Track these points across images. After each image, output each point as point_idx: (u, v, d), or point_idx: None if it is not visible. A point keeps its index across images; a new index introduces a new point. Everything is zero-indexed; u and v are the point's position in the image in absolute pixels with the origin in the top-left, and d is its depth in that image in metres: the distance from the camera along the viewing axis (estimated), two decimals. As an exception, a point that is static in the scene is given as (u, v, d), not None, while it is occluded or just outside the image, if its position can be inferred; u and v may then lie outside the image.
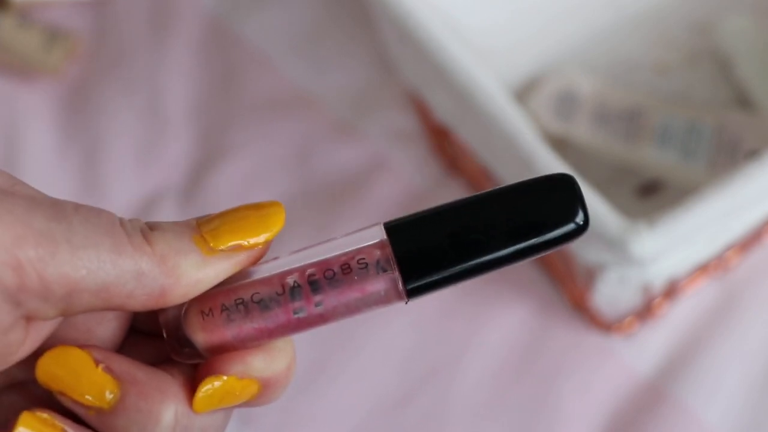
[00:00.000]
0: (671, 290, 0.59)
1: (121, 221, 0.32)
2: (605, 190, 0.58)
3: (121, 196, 0.65)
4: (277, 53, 0.69)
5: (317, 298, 0.32)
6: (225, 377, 0.33)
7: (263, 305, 0.32)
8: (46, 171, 0.66)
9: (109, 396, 0.32)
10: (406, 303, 0.33)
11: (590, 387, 0.59)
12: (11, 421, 0.32)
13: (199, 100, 0.68)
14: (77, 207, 0.32)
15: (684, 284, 0.60)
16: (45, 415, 0.32)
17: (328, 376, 0.60)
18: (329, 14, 0.70)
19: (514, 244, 0.32)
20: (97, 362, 0.32)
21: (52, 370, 0.32)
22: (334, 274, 0.32)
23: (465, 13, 0.64)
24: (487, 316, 0.61)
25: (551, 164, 0.54)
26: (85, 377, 0.32)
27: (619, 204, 0.56)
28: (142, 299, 0.32)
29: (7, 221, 0.30)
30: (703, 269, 0.60)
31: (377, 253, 0.32)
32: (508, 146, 0.55)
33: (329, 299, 0.32)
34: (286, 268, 0.33)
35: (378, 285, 0.32)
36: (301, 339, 0.65)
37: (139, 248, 0.32)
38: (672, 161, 0.63)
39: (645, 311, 0.60)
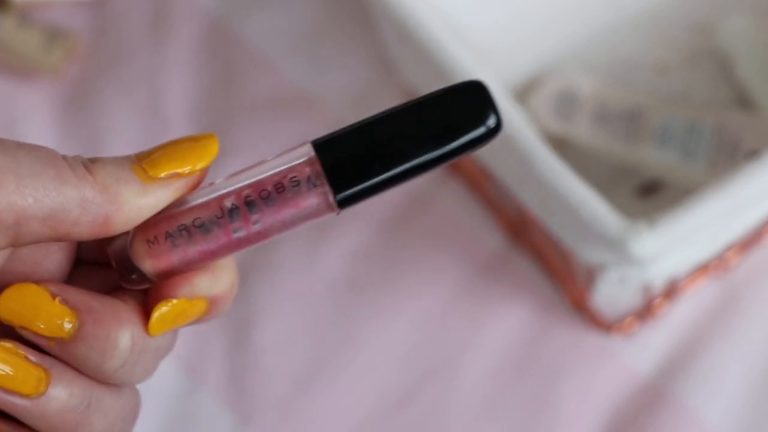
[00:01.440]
0: (671, 290, 0.59)
1: (63, 156, 0.34)
2: (605, 190, 0.58)
3: (121, 196, 0.65)
4: (277, 53, 0.69)
5: (254, 217, 0.35)
6: (175, 300, 0.35)
7: (204, 228, 0.35)
8: (46, 171, 0.66)
9: (67, 326, 0.34)
10: (338, 214, 0.35)
11: (590, 387, 0.59)
12: None
13: (199, 100, 0.68)
14: (20, 143, 0.34)
15: (684, 284, 0.60)
16: (8, 344, 0.34)
17: (328, 375, 0.60)
18: (329, 14, 0.70)
19: (432, 150, 0.34)
20: (53, 295, 0.34)
21: (11, 307, 0.34)
22: (269, 193, 0.34)
23: (465, 13, 0.64)
24: (487, 316, 0.61)
25: (551, 164, 0.54)
26: (43, 311, 0.34)
27: (619, 204, 0.56)
28: (87, 227, 0.34)
29: None
30: (703, 269, 0.60)
31: (307, 169, 0.35)
32: (508, 146, 0.55)
33: (266, 217, 0.35)
34: (223, 191, 0.35)
35: (310, 199, 0.35)
36: (301, 339, 0.65)
37: (81, 177, 0.34)
38: (672, 161, 0.63)
39: (645, 311, 0.60)
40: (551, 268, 0.61)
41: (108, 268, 0.36)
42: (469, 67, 0.56)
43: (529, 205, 0.57)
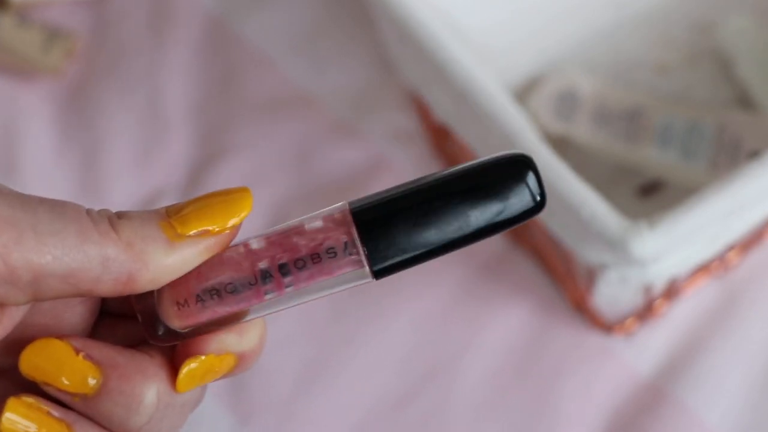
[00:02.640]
0: (672, 290, 0.59)
1: (88, 211, 0.33)
2: (605, 190, 0.58)
3: (120, 196, 0.65)
4: (277, 53, 0.69)
5: (287, 280, 0.34)
6: (203, 357, 0.34)
7: (236, 292, 0.34)
8: (46, 171, 0.66)
9: (91, 382, 0.33)
10: (373, 280, 0.34)
11: (591, 387, 0.59)
12: None
13: (199, 100, 0.68)
14: (42, 199, 0.33)
15: (685, 284, 0.60)
16: (31, 399, 0.33)
17: (328, 376, 0.60)
18: (329, 14, 0.70)
19: (473, 226, 0.33)
20: (77, 351, 0.33)
21: (34, 362, 0.33)
22: (305, 263, 0.33)
23: (465, 13, 0.64)
24: (487, 316, 0.61)
25: (551, 164, 0.54)
26: (67, 366, 0.33)
27: (619, 204, 0.56)
28: (109, 285, 0.33)
29: None
30: (703, 269, 0.60)
31: (344, 237, 0.33)
32: (508, 146, 0.55)
33: (299, 283, 0.34)
34: (257, 250, 0.34)
35: (346, 268, 0.34)
36: (300, 339, 0.65)
37: (104, 234, 0.32)
38: (672, 161, 0.63)
39: (645, 311, 0.60)
40: (551, 268, 0.61)
41: (133, 320, 0.35)
42: (469, 67, 0.56)
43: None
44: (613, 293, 0.57)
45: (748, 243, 0.61)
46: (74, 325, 0.35)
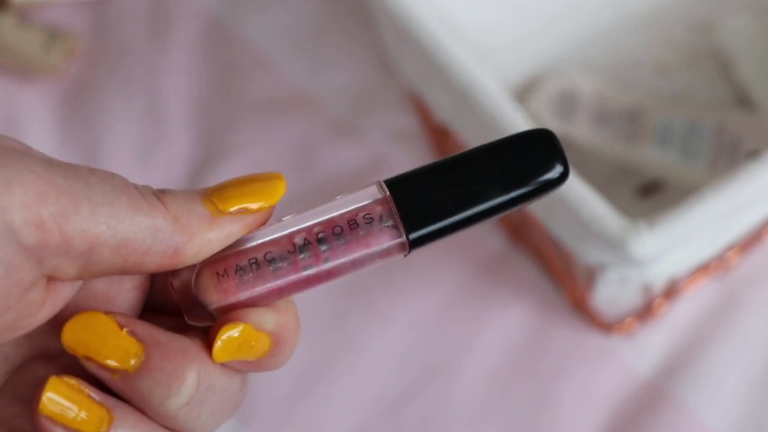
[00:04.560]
0: (671, 290, 0.59)
1: (135, 184, 0.34)
2: (605, 190, 0.58)
3: (121, 196, 0.65)
4: (277, 53, 0.69)
5: (325, 254, 0.34)
6: (241, 325, 0.34)
7: (274, 264, 0.34)
8: (46, 171, 0.66)
9: (133, 359, 0.33)
10: (405, 256, 0.35)
11: (590, 387, 0.59)
12: (39, 386, 0.33)
13: (199, 100, 0.68)
14: (92, 169, 0.33)
15: (684, 284, 0.60)
16: (72, 381, 0.33)
17: (328, 376, 0.60)
18: (329, 14, 0.70)
19: (502, 195, 0.35)
20: (121, 326, 0.33)
21: (77, 335, 0.33)
22: (342, 230, 0.34)
23: (465, 12, 0.64)
24: (487, 316, 0.61)
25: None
26: (110, 341, 0.33)
27: (619, 204, 0.56)
28: (157, 257, 0.33)
29: (29, 179, 0.31)
30: (703, 269, 0.60)
31: (379, 208, 0.35)
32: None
33: (336, 255, 0.34)
34: (294, 229, 0.35)
35: (382, 238, 0.34)
36: (301, 340, 0.65)
37: (154, 206, 0.33)
38: (672, 161, 0.63)
39: (645, 311, 0.60)
40: (551, 268, 0.61)
41: (174, 317, 0.36)
42: (469, 67, 0.56)
43: (529, 205, 0.57)
44: (612, 293, 0.57)
45: (747, 243, 0.61)
46: (123, 311, 0.35)
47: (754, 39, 0.67)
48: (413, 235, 0.35)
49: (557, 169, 0.35)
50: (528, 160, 0.35)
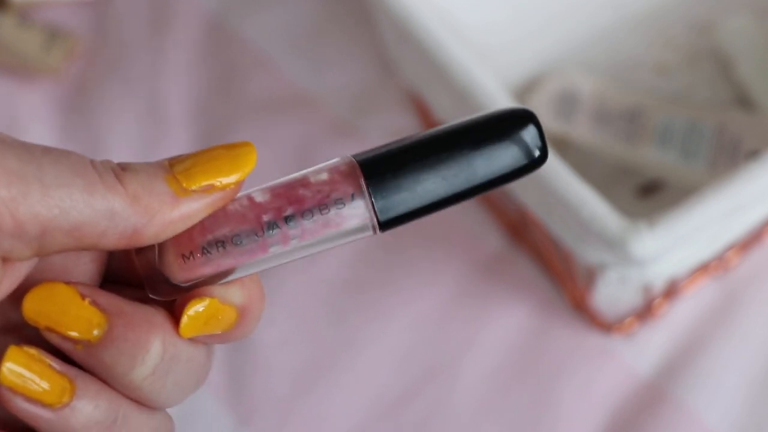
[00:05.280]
0: (671, 290, 0.59)
1: (92, 162, 0.32)
2: (605, 190, 0.58)
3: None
4: (277, 53, 0.69)
5: (293, 232, 0.33)
6: (208, 300, 0.33)
7: (241, 245, 0.33)
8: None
9: (96, 329, 0.32)
10: (375, 234, 0.34)
11: (590, 387, 0.59)
12: None
13: (199, 100, 0.68)
14: (47, 149, 0.32)
15: (684, 284, 0.60)
16: (32, 351, 0.32)
17: (328, 376, 0.60)
18: (329, 14, 0.70)
19: (478, 176, 0.34)
20: (83, 296, 0.33)
21: (38, 306, 0.33)
22: (312, 214, 0.33)
23: (465, 12, 0.64)
24: (487, 316, 0.61)
25: (551, 164, 0.54)
26: (72, 311, 0.33)
27: (619, 204, 0.56)
28: (114, 238, 0.32)
29: None
30: (703, 269, 0.60)
31: (350, 188, 0.34)
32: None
33: (305, 235, 0.34)
34: (262, 202, 0.34)
35: (352, 220, 0.34)
36: (301, 339, 0.65)
37: (111, 188, 0.32)
38: (672, 161, 0.63)
39: (645, 311, 0.60)
40: (551, 268, 0.61)
41: (136, 289, 0.35)
42: (469, 67, 0.56)
43: (529, 205, 0.57)
44: (612, 293, 0.57)
45: (747, 243, 0.61)
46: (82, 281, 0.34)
47: (754, 39, 0.67)
48: (383, 217, 0.34)
49: (535, 152, 0.34)
50: (506, 141, 0.34)
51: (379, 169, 0.34)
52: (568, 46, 0.67)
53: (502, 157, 0.34)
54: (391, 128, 0.67)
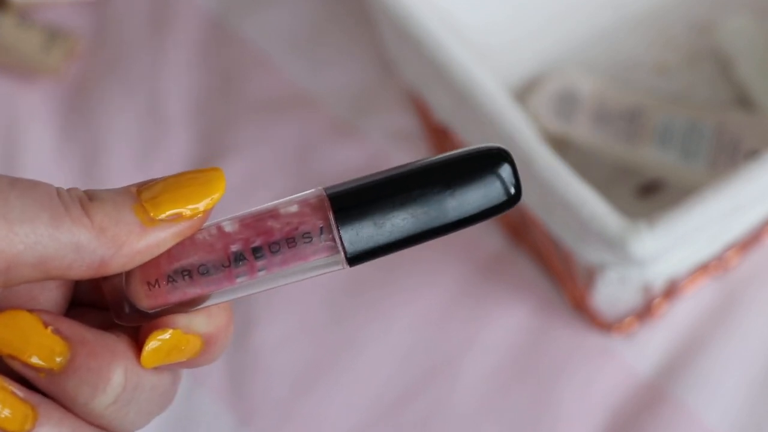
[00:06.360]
0: (671, 290, 0.59)
1: (59, 192, 0.32)
2: (605, 190, 0.58)
3: (121, 196, 0.65)
4: (277, 53, 0.69)
5: (260, 264, 0.33)
6: (171, 330, 0.33)
7: (208, 275, 0.33)
8: (46, 171, 0.66)
9: (58, 357, 0.32)
10: (344, 268, 0.34)
11: (590, 387, 0.59)
12: None
13: (199, 100, 0.68)
14: (13, 181, 0.32)
15: (684, 284, 0.60)
16: None
17: (328, 376, 0.60)
18: (329, 14, 0.70)
19: (449, 216, 0.33)
20: (45, 324, 0.33)
21: (1, 334, 0.32)
22: (279, 247, 0.33)
23: (465, 12, 0.64)
24: (487, 316, 0.61)
25: (551, 164, 0.54)
26: (34, 339, 0.32)
27: (619, 204, 0.56)
28: (81, 270, 0.32)
29: None
30: (703, 269, 0.60)
31: (320, 223, 0.33)
32: (508, 146, 0.55)
33: (272, 267, 0.33)
34: (230, 233, 0.33)
35: (321, 254, 0.33)
36: (301, 339, 0.65)
37: (77, 220, 0.32)
38: (672, 161, 0.63)
39: (645, 311, 0.60)
40: (551, 268, 0.61)
41: (103, 311, 0.35)
42: (468, 67, 0.56)
43: (529, 205, 0.57)
44: (612, 293, 0.57)
45: (747, 243, 0.61)
46: (48, 308, 0.34)
47: (754, 39, 0.67)
48: (351, 253, 0.33)
49: (507, 192, 0.33)
50: (477, 181, 0.33)
51: (349, 204, 0.33)
52: (568, 46, 0.67)
53: (474, 196, 0.33)
54: (391, 128, 0.67)
